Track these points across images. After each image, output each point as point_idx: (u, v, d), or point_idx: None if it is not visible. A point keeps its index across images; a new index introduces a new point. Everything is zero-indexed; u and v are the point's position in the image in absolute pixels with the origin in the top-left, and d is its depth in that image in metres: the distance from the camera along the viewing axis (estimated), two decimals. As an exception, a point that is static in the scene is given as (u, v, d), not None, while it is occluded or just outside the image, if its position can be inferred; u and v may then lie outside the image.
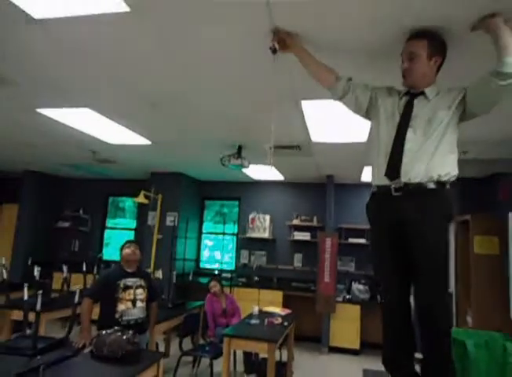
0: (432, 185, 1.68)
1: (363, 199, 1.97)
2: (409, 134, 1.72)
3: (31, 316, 3.44)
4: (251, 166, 5.09)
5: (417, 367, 1.80)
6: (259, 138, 4.30)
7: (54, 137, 4.70)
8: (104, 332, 2.79)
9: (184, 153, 5.44)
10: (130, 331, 2.85)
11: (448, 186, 1.73)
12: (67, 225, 7.98)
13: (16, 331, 4.23)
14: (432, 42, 1.75)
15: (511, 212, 4.41)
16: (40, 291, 2.84)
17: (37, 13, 2.01)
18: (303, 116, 3.48)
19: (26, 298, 3.09)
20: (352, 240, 6.45)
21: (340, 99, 1.98)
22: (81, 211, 8.02)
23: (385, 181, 1.75)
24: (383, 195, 1.78)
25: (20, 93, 3.28)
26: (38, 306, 2.79)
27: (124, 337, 2.72)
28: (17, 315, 4.32)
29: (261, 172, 6.26)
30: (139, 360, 2.71)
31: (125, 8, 1.92)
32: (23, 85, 3.11)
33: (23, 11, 1.98)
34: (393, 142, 1.74)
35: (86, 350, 2.94)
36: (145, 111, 3.61)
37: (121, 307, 3.24)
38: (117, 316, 3.21)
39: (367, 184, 2.01)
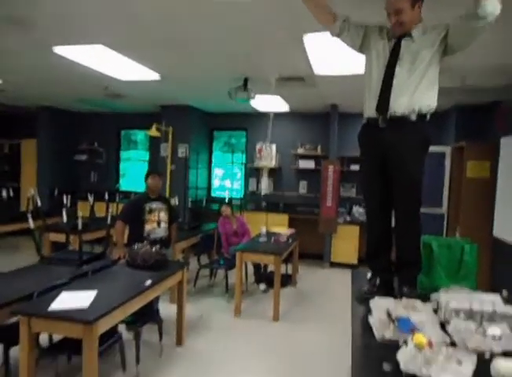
0: (413, 117, 1.97)
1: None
2: (397, 71, 1.96)
3: (72, 237, 4.03)
4: (257, 98, 5.30)
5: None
6: (264, 71, 4.47)
7: (68, 74, 4.90)
8: (135, 246, 3.32)
9: (193, 87, 5.62)
10: (157, 246, 3.38)
11: (427, 117, 2.00)
12: (84, 157, 8.44)
13: (53, 251, 4.87)
14: None
15: (504, 138, 4.65)
16: (80, 213, 3.32)
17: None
18: (305, 49, 3.63)
19: (65, 220, 3.60)
20: (354, 167, 6.82)
21: (337, 36, 2.20)
22: (96, 144, 8.42)
23: (374, 114, 2.04)
24: (372, 127, 2.08)
25: (37, 31, 3.45)
26: (80, 226, 3.30)
27: (153, 249, 3.26)
28: (55, 237, 4.94)
29: (267, 104, 6.44)
30: (167, 268, 3.27)
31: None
32: (40, 23, 3.27)
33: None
34: (383, 79, 2.00)
35: (121, 261, 3.51)
36: (157, 47, 3.77)
37: (148, 227, 3.77)
38: (145, 234, 3.74)
39: None
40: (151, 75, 4.83)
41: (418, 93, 1.94)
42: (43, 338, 2.77)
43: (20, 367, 2.29)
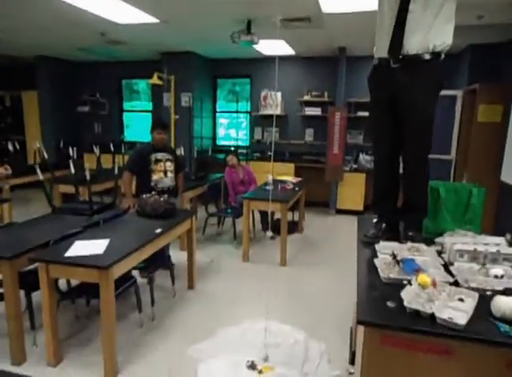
0: (427, 56, 1.87)
1: None
2: (411, 7, 1.85)
3: (81, 188, 4.08)
4: (261, 41, 5.06)
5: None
6: (268, 12, 4.23)
7: (64, 19, 4.68)
8: (144, 196, 3.37)
9: (194, 31, 5.36)
10: (165, 195, 3.43)
11: (442, 56, 1.91)
12: (86, 109, 8.31)
13: (63, 202, 4.96)
14: None
15: (519, 79, 4.47)
16: (87, 164, 3.34)
17: None
18: (313, -14, 3.40)
19: (73, 171, 3.63)
20: (361, 114, 6.67)
21: None
22: (97, 95, 8.25)
23: (386, 54, 1.94)
24: (383, 67, 1.99)
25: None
26: (88, 177, 3.33)
27: (161, 198, 3.30)
28: (64, 189, 5.02)
29: (271, 47, 6.17)
30: (176, 216, 3.34)
31: None
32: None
33: None
34: (396, 16, 1.88)
35: (131, 211, 3.58)
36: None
37: (155, 177, 3.79)
38: (152, 184, 3.78)
39: None
40: (150, 18, 4.60)
41: (433, 30, 1.83)
42: (62, 284, 2.92)
43: (43, 310, 2.43)
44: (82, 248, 2.48)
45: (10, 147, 5.60)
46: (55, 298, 2.50)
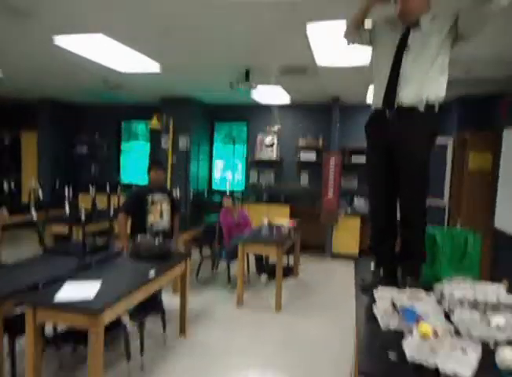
0: (421, 108, 1.93)
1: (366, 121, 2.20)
2: (404, 61, 1.94)
3: (74, 228, 4.03)
4: (259, 88, 5.27)
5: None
6: (266, 61, 4.45)
7: (68, 65, 4.86)
8: (139, 238, 3.33)
9: (194, 78, 5.58)
10: (160, 237, 3.39)
11: (436, 108, 1.96)
12: (84, 149, 8.43)
13: (56, 243, 4.89)
14: None
15: (506, 129, 4.64)
16: (82, 205, 3.32)
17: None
18: (307, 39, 3.59)
19: (68, 212, 3.60)
20: (355, 159, 6.81)
21: (353, 43, 2.24)
22: (96, 136, 8.39)
23: (381, 105, 2.02)
24: (379, 117, 2.06)
25: (37, 20, 3.41)
26: (83, 218, 3.31)
27: (156, 240, 3.27)
28: (57, 229, 4.95)
29: (268, 95, 6.40)
30: (170, 259, 3.28)
31: None
32: (40, 12, 3.23)
33: None
34: (391, 68, 1.97)
35: (125, 253, 3.52)
36: (157, 36, 3.74)
37: (151, 218, 3.77)
38: (148, 226, 3.75)
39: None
40: (152, 66, 4.80)
41: (426, 82, 1.91)
42: (47, 329, 2.79)
43: (26, 357, 2.31)
44: (72, 291, 2.40)
45: (5, 186, 5.59)
46: (40, 345, 2.38)
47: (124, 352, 2.84)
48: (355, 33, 2.16)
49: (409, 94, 1.92)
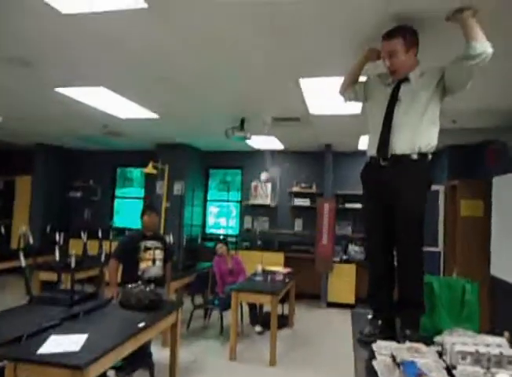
0: (414, 156, 1.99)
1: (359, 167, 2.26)
2: (396, 113, 2.03)
3: (63, 275, 3.92)
4: (253, 137, 5.41)
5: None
6: (261, 111, 4.61)
7: (68, 113, 5.01)
8: (129, 286, 3.23)
9: (190, 126, 5.74)
10: (152, 285, 3.30)
11: (429, 156, 2.03)
12: (78, 194, 8.40)
13: (43, 290, 4.71)
14: (406, 37, 2.01)
15: (496, 177, 4.74)
16: (73, 251, 3.25)
17: (63, 8, 2.28)
18: (301, 92, 3.76)
19: (58, 258, 3.52)
20: (349, 205, 6.86)
21: (349, 100, 2.42)
22: (91, 182, 8.41)
23: (376, 154, 2.08)
24: (374, 165, 2.11)
25: (39, 72, 3.55)
26: (73, 264, 3.22)
27: (147, 289, 3.17)
28: (45, 276, 4.81)
29: (262, 142, 6.56)
30: (161, 308, 3.17)
31: (142, 4, 2.19)
32: (42, 66, 3.38)
33: (53, 7, 2.25)
34: (383, 120, 2.06)
35: (115, 301, 3.39)
36: (154, 87, 3.88)
37: (142, 265, 3.69)
38: (139, 273, 3.66)
39: (364, 153, 2.30)
40: (151, 114, 4.94)
41: (417, 132, 1.98)
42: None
43: (3, 417, 2.14)
44: (57, 344, 2.28)
45: (-5, 231, 5.49)
46: (19, 404, 2.22)
47: (108, 411, 2.66)
48: (350, 89, 2.31)
49: (402, 143, 1.99)
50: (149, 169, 6.24)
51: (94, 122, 5.57)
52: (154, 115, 5.00)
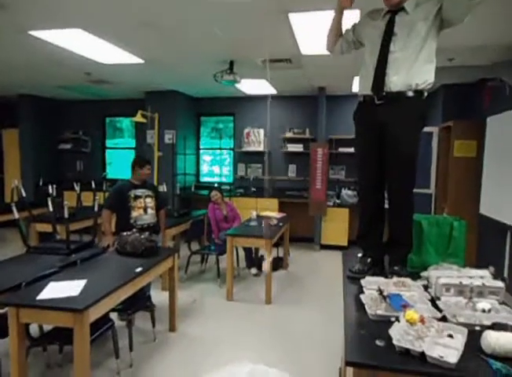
0: (410, 93, 1.93)
1: (353, 110, 2.18)
2: (392, 48, 1.92)
3: (58, 226, 3.96)
4: (243, 81, 5.22)
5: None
6: (250, 53, 4.39)
7: (47, 59, 4.73)
8: (124, 233, 3.27)
9: (178, 71, 5.50)
10: (146, 233, 3.34)
11: (425, 94, 1.97)
12: (68, 146, 8.25)
13: (41, 242, 4.79)
14: None
15: (490, 117, 4.68)
16: (66, 202, 3.25)
17: None
18: (292, 29, 3.56)
19: (51, 209, 3.52)
20: (342, 150, 6.82)
21: (342, 53, 2.31)
22: (80, 133, 8.23)
23: (370, 92, 2.00)
24: (368, 104, 2.04)
25: (11, 15, 3.31)
26: (66, 214, 3.24)
27: (142, 236, 3.22)
28: (42, 227, 4.86)
29: (253, 87, 6.35)
30: (157, 254, 3.24)
31: None
32: (13, 6, 3.13)
33: None
34: (378, 56, 1.95)
35: (111, 250, 3.46)
36: (137, 30, 3.66)
37: (134, 214, 3.72)
38: (132, 221, 3.69)
39: (357, 95, 2.20)
40: (135, 59, 4.70)
41: (414, 68, 1.90)
42: (34, 328, 2.74)
43: (11, 358, 2.26)
44: (56, 290, 2.35)
45: (-13, 185, 5.45)
46: (24, 346, 2.33)
47: (112, 349, 2.81)
48: (338, 42, 2.23)
49: (398, 81, 1.91)
50: (138, 117, 6.09)
51: (75, 70, 5.31)
52: (139, 60, 4.76)
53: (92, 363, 2.33)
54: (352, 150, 6.69)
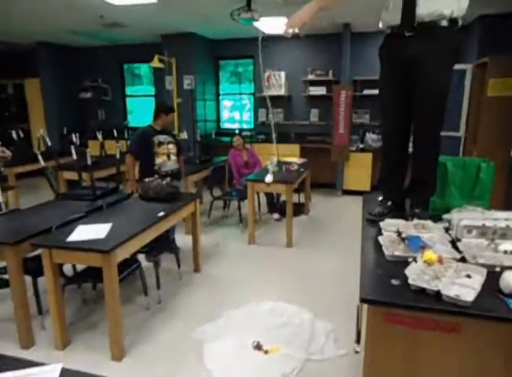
0: (444, 23, 1.75)
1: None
2: None
3: (84, 174, 4.07)
4: (262, 19, 4.92)
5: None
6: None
7: (60, 2, 4.58)
8: (147, 179, 3.34)
9: (193, 10, 5.22)
10: (168, 179, 3.40)
11: (459, 23, 1.78)
12: (89, 95, 8.25)
13: (69, 189, 4.97)
14: None
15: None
16: (88, 150, 3.31)
17: None
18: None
19: (75, 157, 3.60)
20: (367, 92, 6.51)
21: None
22: (100, 80, 8.17)
23: (398, 22, 1.83)
24: (396, 36, 1.87)
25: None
26: (89, 161, 3.31)
27: (164, 182, 3.27)
28: (68, 175, 5.02)
29: (273, 26, 6.00)
30: (179, 200, 3.31)
31: None
32: None
33: None
34: None
35: (135, 195, 3.56)
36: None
37: (158, 160, 3.76)
38: (156, 168, 3.74)
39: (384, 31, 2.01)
40: (147, -1, 4.49)
41: None
42: (68, 268, 2.92)
43: (49, 295, 2.44)
44: (84, 233, 2.47)
45: (14, 135, 5.59)
46: (59, 283, 2.51)
47: (141, 288, 2.99)
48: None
49: (430, 9, 1.73)
50: (155, 62, 5.95)
51: (89, 13, 5.14)
52: (151, 0, 4.54)
53: (123, 299, 2.49)
54: (377, 92, 6.37)
